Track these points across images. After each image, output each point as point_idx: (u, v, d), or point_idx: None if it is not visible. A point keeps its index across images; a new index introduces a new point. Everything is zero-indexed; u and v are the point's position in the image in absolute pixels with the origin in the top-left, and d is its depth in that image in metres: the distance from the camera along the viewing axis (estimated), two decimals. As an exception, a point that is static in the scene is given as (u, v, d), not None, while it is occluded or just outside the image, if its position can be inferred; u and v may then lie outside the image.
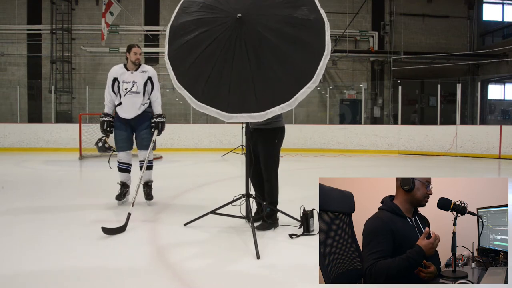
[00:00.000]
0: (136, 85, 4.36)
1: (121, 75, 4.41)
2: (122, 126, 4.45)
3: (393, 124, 13.60)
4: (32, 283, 2.41)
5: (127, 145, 4.48)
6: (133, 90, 4.35)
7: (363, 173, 7.95)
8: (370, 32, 15.72)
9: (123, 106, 4.39)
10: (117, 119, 4.47)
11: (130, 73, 4.40)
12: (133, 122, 4.43)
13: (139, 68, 4.44)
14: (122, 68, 4.45)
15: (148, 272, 2.58)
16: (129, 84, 4.36)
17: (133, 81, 4.37)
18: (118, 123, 4.46)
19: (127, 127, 4.46)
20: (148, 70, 4.49)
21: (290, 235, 3.28)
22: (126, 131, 4.45)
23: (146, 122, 4.45)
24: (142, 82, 4.39)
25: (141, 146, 4.46)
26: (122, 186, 4.55)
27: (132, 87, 4.35)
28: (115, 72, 4.44)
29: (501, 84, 17.16)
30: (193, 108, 13.40)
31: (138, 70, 4.43)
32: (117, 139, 4.46)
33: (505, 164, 9.41)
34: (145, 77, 4.43)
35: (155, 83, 4.50)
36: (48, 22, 14.52)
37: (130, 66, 4.44)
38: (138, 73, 4.41)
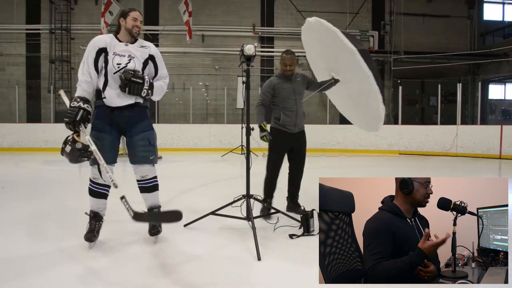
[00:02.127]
0: (134, 61, 2.98)
1: (112, 46, 2.98)
2: (104, 126, 2.97)
3: (394, 124, 13.58)
4: (32, 283, 2.40)
5: (111, 155, 2.97)
6: (130, 67, 2.95)
7: (363, 173, 7.94)
8: (370, 32, 15.69)
9: (112, 89, 2.94)
10: (97, 116, 3.01)
11: (125, 45, 3.02)
12: (123, 120, 2.99)
13: (136, 42, 3.10)
14: (113, 39, 3.03)
15: (148, 273, 2.57)
16: (124, 58, 2.96)
17: (129, 55, 2.99)
18: (98, 122, 2.98)
19: (112, 128, 2.99)
20: (149, 45, 3.11)
21: (290, 236, 3.28)
22: (111, 134, 2.99)
23: (142, 121, 3.07)
24: (141, 60, 3.03)
25: (138, 159, 3.04)
26: (94, 218, 3.07)
27: (128, 62, 2.95)
28: (103, 42, 2.98)
29: (501, 84, 17.14)
30: (193, 108, 13.48)
31: (136, 44, 3.07)
32: None
33: (505, 164, 9.41)
34: (145, 54, 3.06)
35: (160, 65, 3.14)
36: (47, 21, 14.50)
37: (124, 38, 3.05)
38: (135, 46, 3.05)
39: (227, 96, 13.59)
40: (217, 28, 14.99)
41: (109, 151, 2.96)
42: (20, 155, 10.63)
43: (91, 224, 3.06)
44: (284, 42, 14.81)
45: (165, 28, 14.55)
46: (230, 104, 13.67)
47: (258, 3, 15.17)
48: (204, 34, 14.99)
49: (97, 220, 3.09)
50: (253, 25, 15.12)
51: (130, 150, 3.06)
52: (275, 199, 4.10)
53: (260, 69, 15.17)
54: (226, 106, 13.56)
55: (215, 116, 14.73)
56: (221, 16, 15.05)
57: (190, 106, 13.67)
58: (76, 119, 2.74)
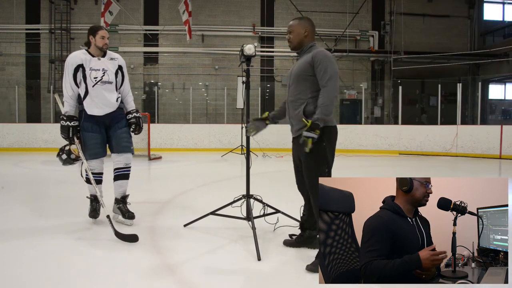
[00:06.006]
0: (107, 74, 3.57)
1: (87, 61, 3.54)
2: (94, 127, 3.58)
3: (394, 124, 13.58)
4: (32, 282, 2.39)
5: (102, 150, 3.63)
6: (105, 79, 3.54)
7: (364, 173, 7.94)
8: (370, 32, 15.72)
9: (93, 100, 3.52)
10: (85, 119, 3.57)
11: (97, 60, 3.58)
12: (108, 120, 3.61)
13: (105, 55, 3.65)
14: (87, 54, 3.58)
15: (148, 273, 2.57)
16: (99, 72, 3.53)
17: (103, 68, 3.56)
18: (87, 124, 3.57)
19: (101, 127, 3.62)
20: (117, 57, 3.72)
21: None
22: (100, 132, 3.61)
23: (123, 119, 3.70)
24: (113, 71, 3.63)
25: (122, 148, 3.65)
26: (94, 200, 3.73)
27: (103, 75, 3.53)
28: (79, 58, 3.53)
29: (501, 84, 17.17)
30: (192, 108, 13.50)
31: (106, 57, 3.64)
32: (89, 144, 3.56)
33: (505, 164, 9.41)
34: (115, 65, 3.66)
35: (125, 73, 3.76)
36: (47, 21, 14.52)
37: (96, 52, 3.59)
38: (106, 60, 3.62)
39: (227, 96, 13.59)
40: (217, 28, 15.01)
41: (102, 147, 3.63)
42: (19, 155, 10.63)
43: (92, 206, 3.73)
44: (284, 42, 14.76)
45: (165, 28, 14.55)
46: (230, 104, 13.67)
47: (258, 3, 15.18)
48: (204, 34, 15.00)
49: (96, 202, 3.72)
50: (253, 25, 15.13)
51: (115, 141, 3.65)
52: (275, 200, 4.06)
53: (260, 69, 15.18)
54: (226, 106, 13.57)
55: (215, 116, 14.74)
56: (221, 16, 15.06)
57: (190, 106, 13.68)
58: (70, 136, 3.51)
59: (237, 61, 3.94)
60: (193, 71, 15.11)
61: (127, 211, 3.68)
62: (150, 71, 14.62)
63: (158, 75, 14.92)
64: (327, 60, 2.73)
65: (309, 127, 2.64)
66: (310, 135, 2.62)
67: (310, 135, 2.62)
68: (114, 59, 3.68)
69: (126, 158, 3.67)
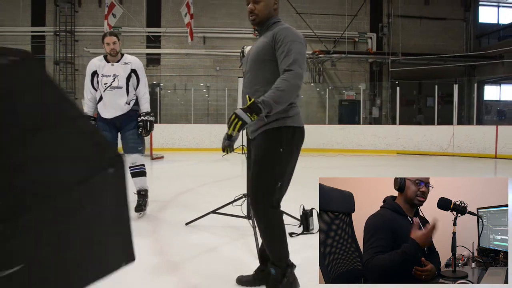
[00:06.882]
0: (118, 79, 3.76)
1: (101, 68, 3.81)
2: (105, 126, 3.81)
3: (392, 124, 13.75)
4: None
5: None
6: (114, 85, 3.75)
7: (363, 173, 7.99)
8: (368, 34, 15.83)
9: (105, 104, 3.80)
10: (99, 119, 3.87)
11: (111, 65, 3.80)
12: (118, 121, 3.85)
13: (121, 59, 3.85)
14: (102, 60, 3.85)
15: (150, 271, 2.57)
16: (109, 78, 3.76)
17: (114, 74, 3.76)
18: (100, 123, 3.83)
19: (111, 127, 3.84)
20: (131, 61, 3.87)
21: (289, 234, 3.22)
22: (111, 132, 3.82)
23: (133, 121, 3.87)
24: (124, 76, 3.79)
25: (129, 149, 3.86)
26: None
27: (112, 81, 3.75)
28: (94, 65, 3.84)
29: (497, 85, 17.31)
30: (194, 109, 13.60)
31: (120, 62, 3.83)
32: None
33: (501, 164, 9.54)
34: (127, 70, 3.82)
35: (141, 76, 3.89)
36: (52, 24, 14.59)
37: (110, 58, 3.84)
38: (119, 65, 3.81)
39: (228, 97, 13.70)
40: (218, 30, 15.09)
41: None
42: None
43: None
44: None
45: (167, 30, 14.66)
46: (231, 105, 13.78)
47: (258, 5, 15.28)
48: (205, 36, 15.10)
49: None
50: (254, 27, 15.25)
51: (124, 142, 3.88)
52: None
53: (260, 70, 15.30)
54: (227, 107, 13.70)
55: (216, 117, 14.86)
56: (222, 18, 15.16)
57: (191, 106, 13.81)
58: None
59: (238, 63, 3.99)
60: (194, 72, 15.22)
61: (138, 205, 3.86)
62: (152, 72, 14.66)
63: (160, 76, 14.99)
64: (293, 38, 2.05)
65: (247, 107, 1.90)
66: (242, 117, 1.89)
67: (242, 117, 1.89)
68: (127, 63, 3.86)
69: (133, 158, 3.85)
